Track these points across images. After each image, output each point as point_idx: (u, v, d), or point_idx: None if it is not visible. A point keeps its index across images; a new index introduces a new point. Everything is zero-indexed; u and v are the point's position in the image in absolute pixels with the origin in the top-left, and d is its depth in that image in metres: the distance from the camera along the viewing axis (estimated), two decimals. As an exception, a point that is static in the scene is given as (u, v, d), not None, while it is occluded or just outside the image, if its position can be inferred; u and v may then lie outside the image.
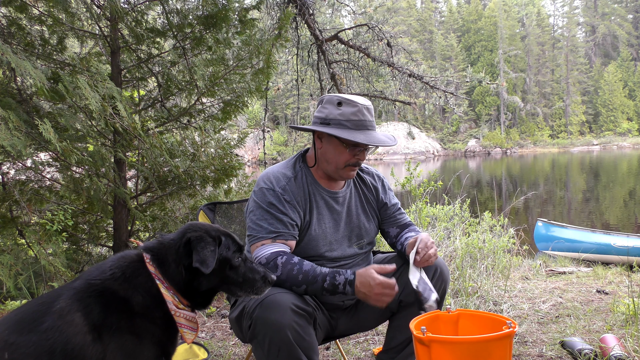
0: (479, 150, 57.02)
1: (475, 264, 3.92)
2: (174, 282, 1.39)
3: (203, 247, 1.37)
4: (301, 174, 1.87)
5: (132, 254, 1.42)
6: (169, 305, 1.36)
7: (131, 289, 1.32)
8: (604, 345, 2.36)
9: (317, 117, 1.83)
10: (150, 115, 3.87)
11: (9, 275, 2.87)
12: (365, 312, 1.95)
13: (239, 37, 3.65)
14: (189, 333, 1.41)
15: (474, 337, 1.47)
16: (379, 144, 1.77)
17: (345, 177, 1.86)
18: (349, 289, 1.66)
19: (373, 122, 1.81)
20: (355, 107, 1.75)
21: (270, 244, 1.72)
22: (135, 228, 3.90)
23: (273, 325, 1.54)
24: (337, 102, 1.78)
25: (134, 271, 1.36)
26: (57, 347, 1.18)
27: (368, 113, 1.79)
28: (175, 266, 1.39)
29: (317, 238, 1.83)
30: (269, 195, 1.77)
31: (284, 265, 1.67)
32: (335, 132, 1.72)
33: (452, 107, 6.80)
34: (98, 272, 1.34)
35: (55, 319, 1.21)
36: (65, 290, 1.29)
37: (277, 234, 1.73)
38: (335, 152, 1.80)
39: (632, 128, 60.80)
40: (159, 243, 1.43)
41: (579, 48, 69.52)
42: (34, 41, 3.33)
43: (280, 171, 1.85)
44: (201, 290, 1.43)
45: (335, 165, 1.82)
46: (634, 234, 7.52)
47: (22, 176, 3.46)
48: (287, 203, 1.77)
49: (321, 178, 1.91)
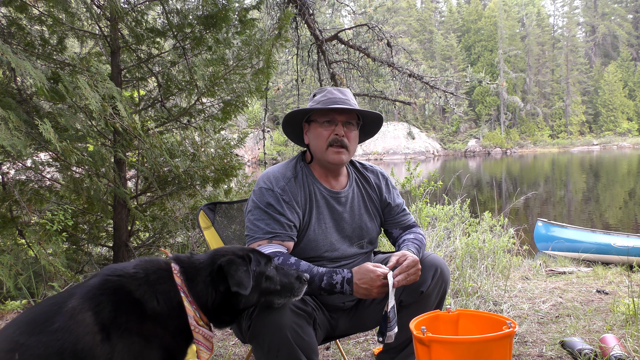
0: (479, 150, 57.03)
1: (475, 264, 3.92)
2: (199, 301, 1.39)
3: (236, 269, 1.38)
4: (302, 174, 1.87)
5: (161, 261, 1.41)
6: (190, 320, 1.36)
7: (149, 293, 1.32)
8: (604, 345, 2.36)
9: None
10: (150, 115, 3.87)
11: (9, 275, 2.87)
12: (366, 312, 1.95)
13: (239, 37, 3.66)
14: (204, 352, 1.40)
15: (474, 337, 1.47)
16: (335, 106, 1.80)
17: (334, 162, 1.84)
18: (347, 287, 1.66)
19: (345, 99, 1.85)
20: (325, 91, 1.87)
21: (267, 245, 1.73)
22: (135, 228, 3.90)
23: (272, 325, 1.54)
24: (313, 94, 1.92)
25: (159, 277, 1.36)
26: (66, 348, 1.18)
27: (338, 92, 1.86)
28: (204, 287, 1.39)
29: (316, 238, 1.83)
30: (268, 196, 1.77)
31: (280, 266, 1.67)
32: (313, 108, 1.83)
33: (452, 107, 6.80)
34: (119, 269, 1.34)
35: (66, 319, 1.21)
36: (79, 289, 1.29)
37: (273, 234, 1.74)
38: (315, 135, 1.85)
39: (632, 128, 60.81)
40: (189, 260, 1.44)
41: (579, 48, 69.52)
42: (34, 41, 3.33)
43: (280, 171, 1.85)
44: (238, 309, 1.45)
45: (320, 149, 1.84)
46: (634, 234, 7.52)
47: (22, 176, 3.46)
48: (286, 203, 1.77)
49: (322, 176, 1.91)
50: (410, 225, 2.05)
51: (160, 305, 1.32)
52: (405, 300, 1.91)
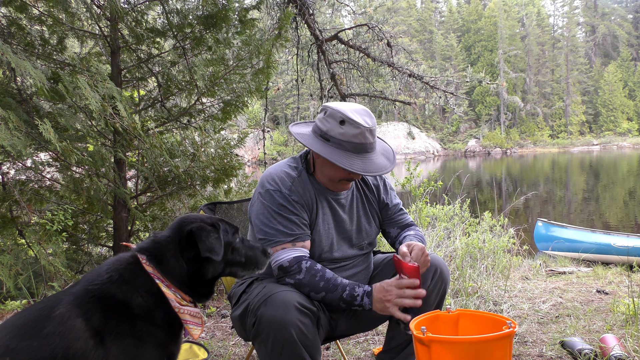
0: (479, 150, 57.02)
1: (475, 264, 3.92)
2: (174, 279, 1.39)
3: (207, 235, 1.38)
4: (304, 174, 1.84)
5: (127, 256, 1.40)
6: (172, 303, 1.36)
7: (130, 291, 1.32)
8: (604, 345, 2.36)
9: (318, 127, 1.77)
10: (150, 115, 3.87)
11: (9, 275, 2.87)
12: (366, 313, 1.95)
13: (239, 37, 3.66)
14: (195, 329, 1.41)
15: (474, 337, 1.47)
16: (374, 174, 1.71)
17: (340, 190, 1.85)
18: (366, 301, 1.66)
19: (374, 144, 1.75)
20: (357, 129, 1.68)
21: (291, 248, 1.71)
22: (135, 228, 3.90)
23: (277, 323, 1.53)
24: (340, 120, 1.70)
25: (132, 273, 1.35)
26: (58, 353, 1.17)
27: (370, 135, 1.72)
28: (175, 261, 1.39)
29: (320, 239, 1.83)
30: (277, 197, 1.74)
31: (308, 270, 1.67)
32: (332, 155, 1.68)
33: (452, 107, 6.80)
34: (95, 277, 1.33)
35: (57, 324, 1.20)
36: (65, 296, 1.28)
37: (295, 236, 1.72)
38: (330, 168, 1.77)
39: (632, 128, 60.80)
40: (153, 242, 1.43)
41: (579, 48, 69.50)
42: (34, 41, 3.33)
43: (283, 170, 1.82)
44: (206, 279, 1.44)
45: (329, 178, 1.80)
46: (634, 234, 7.52)
47: (22, 176, 3.46)
48: (296, 203, 1.75)
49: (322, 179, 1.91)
50: (409, 224, 2.05)
51: (145, 300, 1.32)
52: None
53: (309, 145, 1.73)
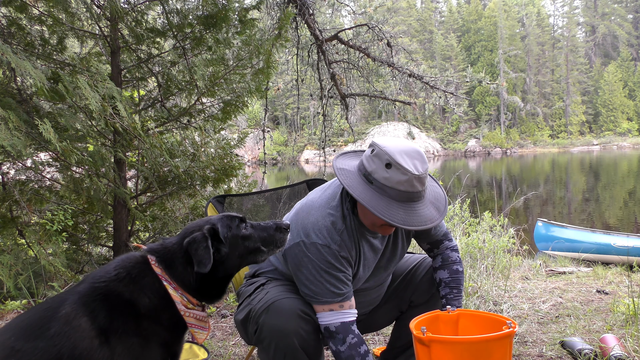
0: (479, 150, 57.02)
1: (475, 264, 3.92)
2: (182, 283, 1.38)
3: (196, 248, 1.36)
4: (349, 221, 1.69)
5: (137, 255, 1.40)
6: (178, 306, 1.35)
7: (137, 291, 1.31)
8: (604, 345, 2.36)
9: (363, 165, 1.62)
10: (150, 115, 3.87)
11: (9, 275, 2.87)
12: (377, 315, 1.95)
13: (239, 37, 3.65)
14: (200, 333, 1.40)
15: (474, 337, 1.47)
16: (416, 228, 1.55)
17: (382, 233, 1.72)
18: None
19: (422, 192, 1.58)
20: (404, 176, 1.51)
21: (339, 311, 1.62)
22: (135, 228, 3.90)
23: (279, 331, 1.53)
24: (387, 162, 1.53)
25: (140, 272, 1.35)
26: (64, 353, 1.17)
27: (418, 183, 1.54)
28: (182, 268, 1.39)
29: (359, 280, 1.78)
30: (326, 254, 1.61)
31: (351, 347, 1.60)
32: (371, 202, 1.53)
33: (452, 107, 6.80)
34: (102, 273, 1.33)
35: (62, 324, 1.20)
36: (70, 295, 1.28)
37: (342, 296, 1.63)
38: (368, 216, 1.65)
39: (632, 128, 60.78)
40: (162, 246, 1.43)
41: (579, 48, 69.50)
42: (34, 41, 3.33)
43: (330, 220, 1.66)
44: (219, 277, 1.42)
45: (371, 222, 1.66)
46: (634, 234, 7.52)
47: (22, 176, 3.46)
48: (344, 259, 1.65)
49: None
50: (438, 240, 1.90)
51: (152, 300, 1.32)
52: (415, 301, 1.92)
53: (349, 189, 1.57)
